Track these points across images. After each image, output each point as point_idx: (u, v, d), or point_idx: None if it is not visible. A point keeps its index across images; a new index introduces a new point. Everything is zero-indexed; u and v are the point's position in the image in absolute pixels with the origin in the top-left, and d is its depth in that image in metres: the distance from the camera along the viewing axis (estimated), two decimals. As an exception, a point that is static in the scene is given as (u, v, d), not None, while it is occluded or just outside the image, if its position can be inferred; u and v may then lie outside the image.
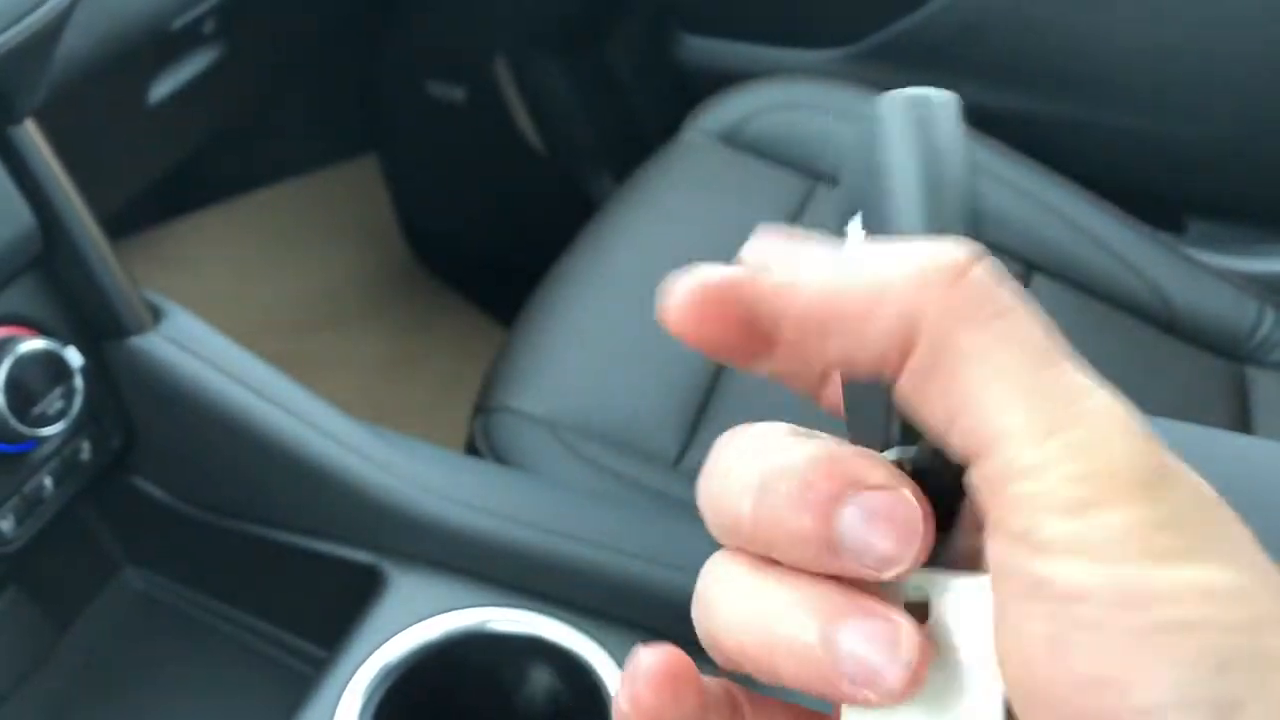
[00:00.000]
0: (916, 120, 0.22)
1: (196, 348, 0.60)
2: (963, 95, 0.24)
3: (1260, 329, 0.96)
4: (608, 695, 0.56)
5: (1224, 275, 0.99)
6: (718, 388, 0.82)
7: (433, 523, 0.60)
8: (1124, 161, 1.07)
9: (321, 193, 1.30)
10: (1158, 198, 1.06)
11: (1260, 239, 1.03)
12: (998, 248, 0.92)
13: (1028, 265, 0.97)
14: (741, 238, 0.94)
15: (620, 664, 0.56)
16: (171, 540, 0.65)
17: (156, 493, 0.63)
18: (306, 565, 0.62)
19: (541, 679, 0.58)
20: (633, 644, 0.59)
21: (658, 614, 0.57)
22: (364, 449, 0.61)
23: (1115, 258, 0.99)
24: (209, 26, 0.82)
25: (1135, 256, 0.99)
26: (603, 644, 0.57)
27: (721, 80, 1.06)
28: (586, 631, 0.57)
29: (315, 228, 1.31)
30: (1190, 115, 1.03)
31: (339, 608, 0.60)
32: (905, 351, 0.20)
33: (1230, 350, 0.96)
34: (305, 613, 0.64)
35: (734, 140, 1.00)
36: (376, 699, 0.55)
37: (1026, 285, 0.96)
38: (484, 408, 0.78)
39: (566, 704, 0.59)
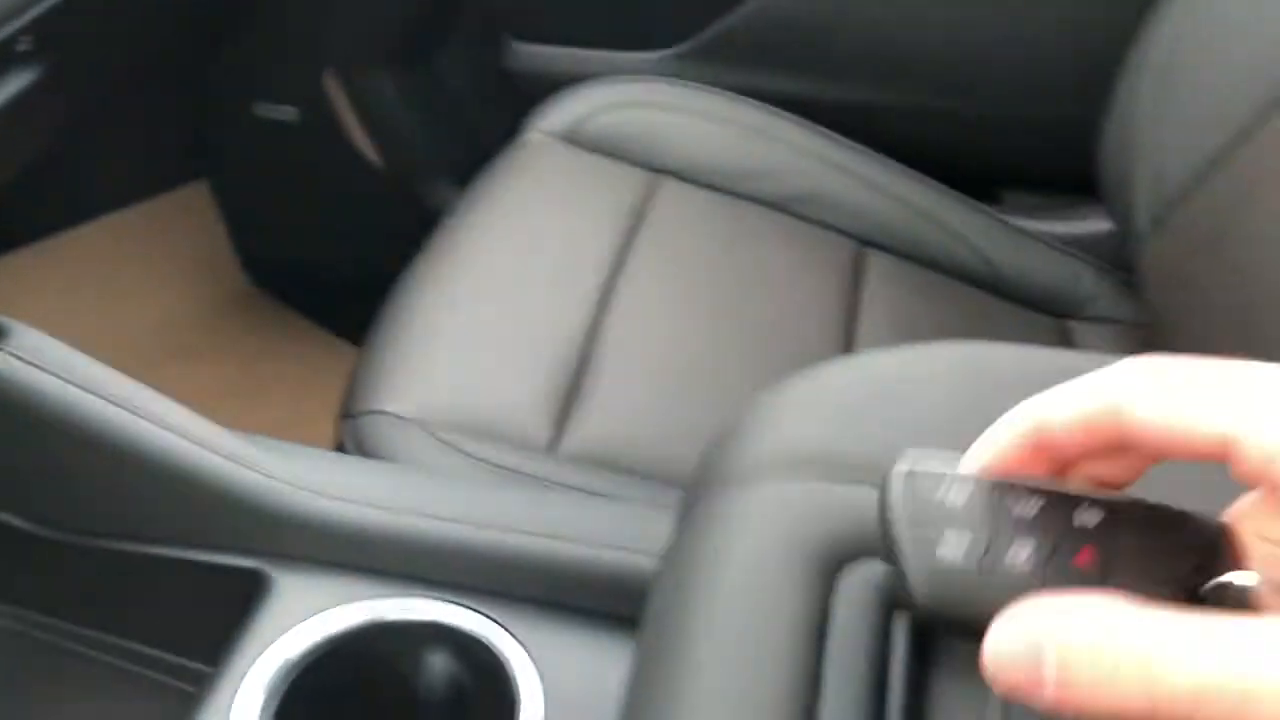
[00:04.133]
0: None
1: (46, 362, 0.58)
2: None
3: (1079, 287, 1.03)
4: (511, 673, 0.56)
5: (1042, 239, 1.05)
6: (585, 369, 0.83)
7: (313, 520, 0.59)
8: (939, 140, 1.13)
9: (151, 224, 1.26)
10: (973, 172, 1.13)
11: (1070, 204, 1.10)
12: (831, 227, 0.96)
13: (861, 242, 1.02)
14: (590, 233, 0.97)
15: (522, 641, 0.57)
16: (34, 570, 0.63)
17: (14, 521, 0.61)
18: (184, 578, 0.60)
19: (441, 665, 0.58)
20: (532, 620, 0.60)
21: (555, 586, 0.58)
22: (234, 452, 0.60)
23: (943, 229, 1.04)
24: (25, 44, 0.79)
25: (961, 227, 1.05)
26: (501, 623, 0.57)
27: (555, 85, 1.08)
28: (483, 613, 0.57)
29: (147, 261, 1.26)
30: (981, 93, 1.10)
31: (223, 620, 0.58)
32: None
33: (1053, 307, 1.03)
34: (188, 630, 0.62)
35: (575, 139, 1.02)
36: (277, 697, 0.54)
37: (862, 262, 1.00)
38: (351, 413, 0.78)
39: (469, 687, 0.58)
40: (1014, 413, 0.29)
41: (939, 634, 0.38)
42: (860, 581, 0.40)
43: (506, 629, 0.57)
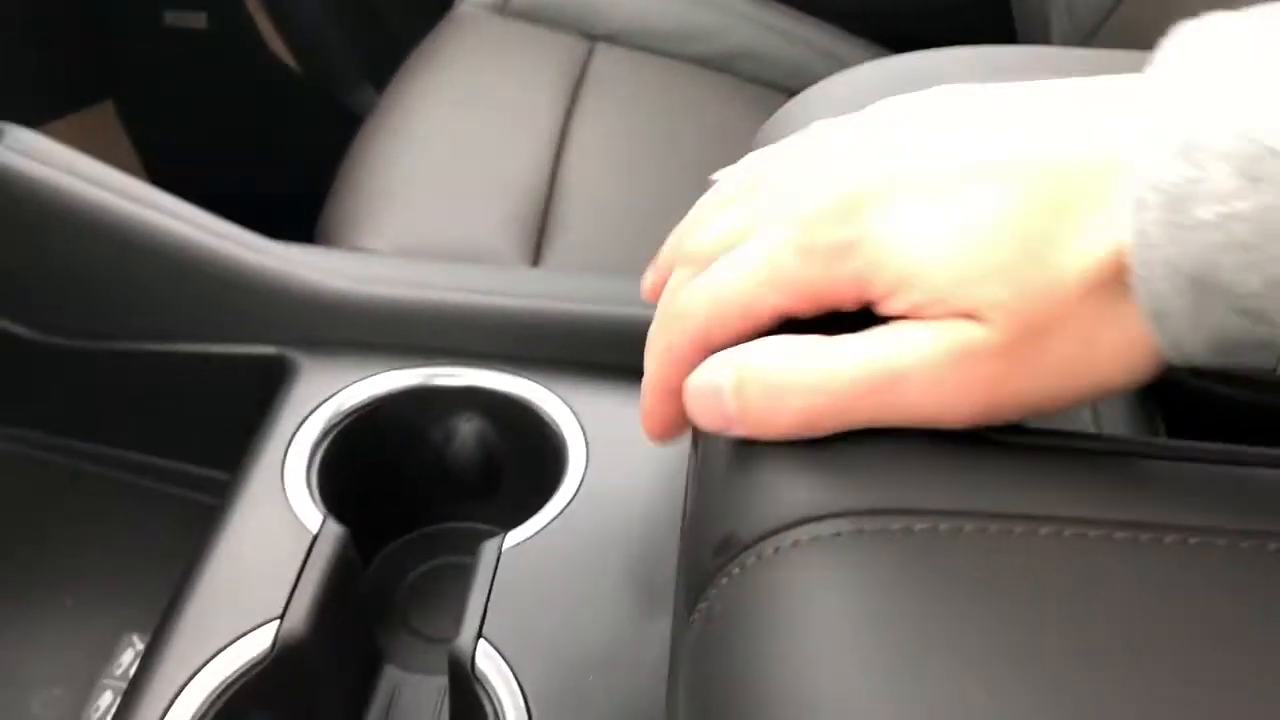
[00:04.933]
0: None
1: (47, 156, 0.56)
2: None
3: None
4: (556, 429, 0.56)
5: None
6: (552, 205, 0.84)
7: (335, 300, 0.58)
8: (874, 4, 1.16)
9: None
10: (910, 33, 1.16)
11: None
12: (770, 84, 0.98)
13: (790, 94, 1.04)
14: (533, 96, 0.97)
15: (563, 398, 0.57)
16: (39, 385, 0.60)
17: (16, 329, 0.58)
18: (201, 375, 0.59)
19: (474, 432, 0.58)
20: (570, 380, 0.60)
21: (589, 346, 0.58)
22: (250, 242, 0.58)
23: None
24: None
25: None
26: (541, 383, 0.58)
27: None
28: (521, 374, 0.58)
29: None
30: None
31: (245, 418, 0.57)
32: None
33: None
34: (207, 435, 0.61)
35: (507, 9, 1.02)
36: (319, 458, 0.53)
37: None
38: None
39: (503, 453, 0.59)
40: (673, 333, 0.30)
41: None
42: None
43: (547, 388, 0.57)
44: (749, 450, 0.27)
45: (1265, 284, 0.23)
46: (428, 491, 0.59)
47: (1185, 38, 0.25)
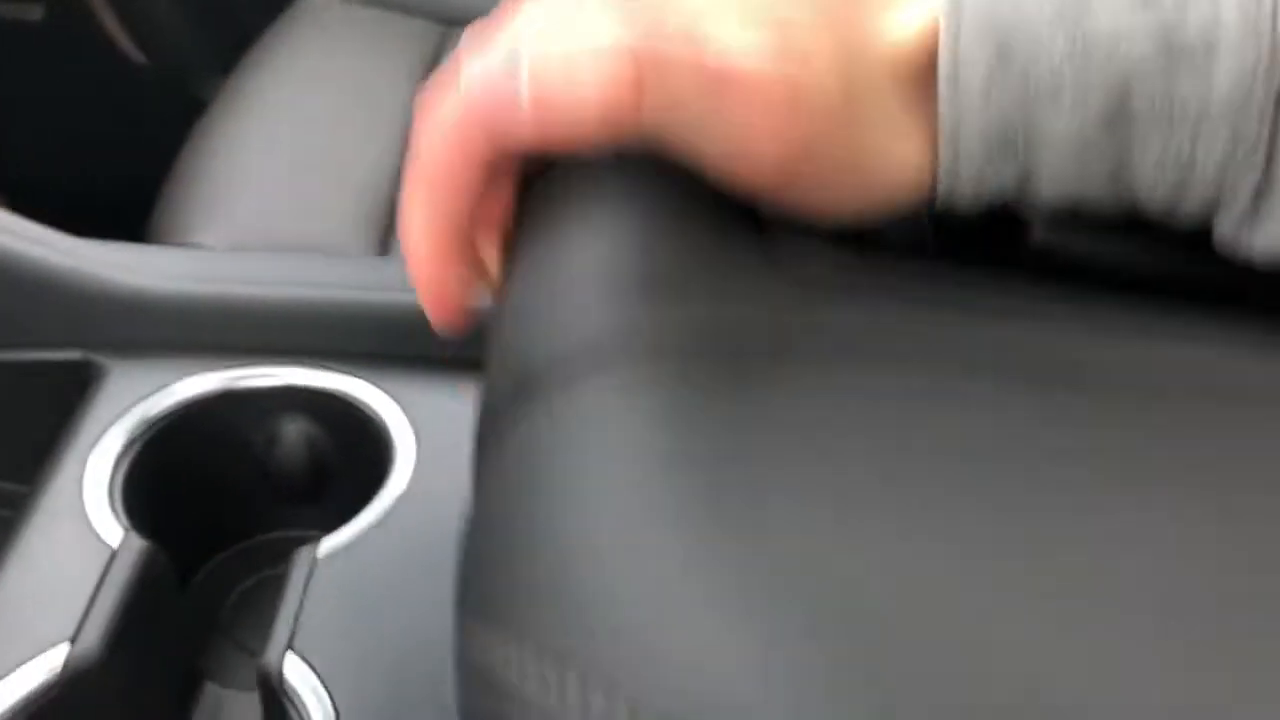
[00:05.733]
0: None
1: None
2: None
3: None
4: (381, 425, 0.54)
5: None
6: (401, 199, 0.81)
7: (147, 299, 0.55)
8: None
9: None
10: None
11: None
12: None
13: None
14: (386, 82, 0.94)
15: (388, 393, 0.55)
16: None
17: None
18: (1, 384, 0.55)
19: (298, 433, 0.55)
20: (393, 374, 0.57)
21: (410, 338, 0.56)
22: (53, 242, 0.55)
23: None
24: None
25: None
26: (364, 378, 0.55)
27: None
28: (342, 370, 0.55)
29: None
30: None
31: (47, 428, 0.54)
32: None
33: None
34: (6, 447, 0.57)
35: (356, -5, 0.99)
36: (119, 484, 0.50)
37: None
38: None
39: (329, 454, 0.56)
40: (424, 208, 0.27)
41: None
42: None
43: (373, 384, 0.55)
44: (547, 270, 0.25)
45: (1069, 43, 0.22)
46: (253, 500, 0.56)
47: None
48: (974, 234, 0.28)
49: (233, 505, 0.56)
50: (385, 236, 0.78)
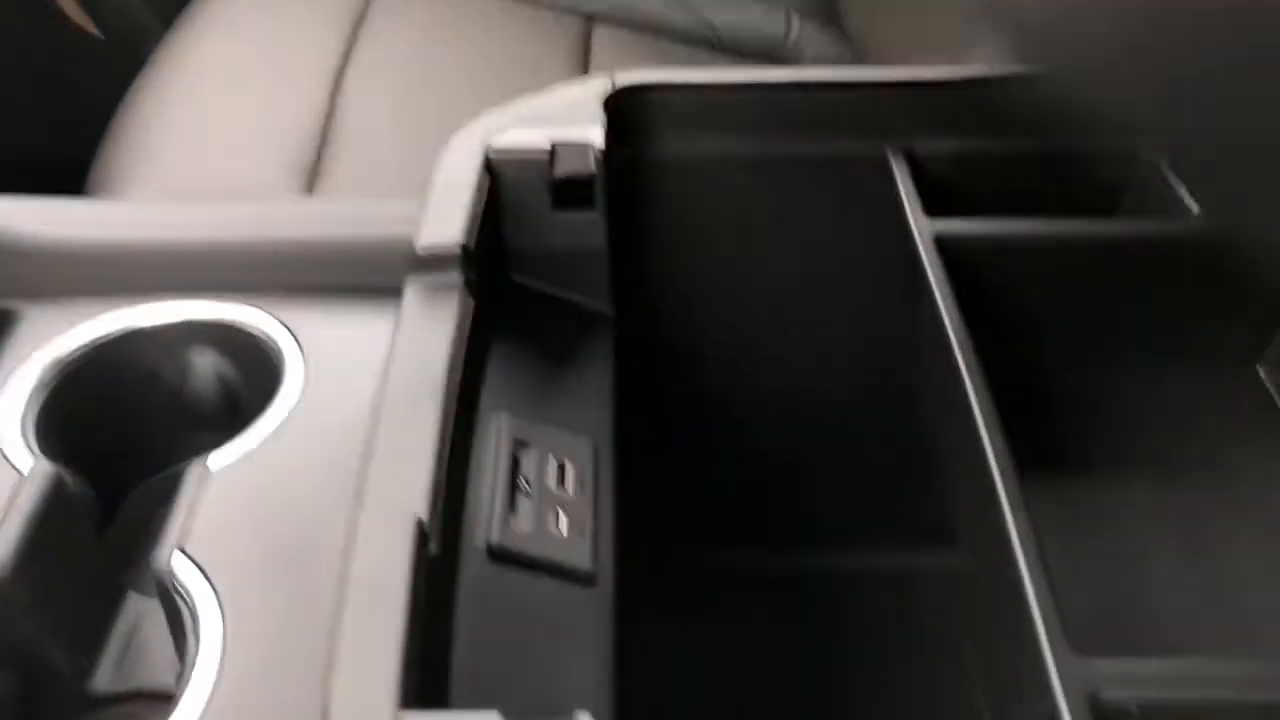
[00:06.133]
0: None
1: None
2: None
3: (791, 34, 1.10)
4: (274, 351, 0.57)
5: (753, -3, 1.12)
6: (325, 149, 0.84)
7: (58, 248, 0.59)
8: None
9: None
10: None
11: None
12: (556, 6, 0.99)
13: (586, 18, 1.05)
14: (311, 34, 0.96)
15: (284, 322, 0.58)
16: None
17: None
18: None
19: (209, 366, 0.59)
20: (292, 304, 0.61)
21: (310, 268, 0.60)
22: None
23: (660, -1, 1.09)
24: None
25: (675, -5, 1.09)
26: (262, 308, 0.59)
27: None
28: (241, 303, 0.59)
29: None
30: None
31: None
32: None
33: (771, 56, 1.10)
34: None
35: (283, -48, 1.02)
36: (38, 402, 0.54)
37: (589, 38, 1.04)
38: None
39: (240, 386, 0.60)
40: None
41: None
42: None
43: (268, 312, 0.58)
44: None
45: None
46: (172, 431, 0.60)
47: None
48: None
49: (151, 436, 0.60)
50: (310, 179, 0.81)
